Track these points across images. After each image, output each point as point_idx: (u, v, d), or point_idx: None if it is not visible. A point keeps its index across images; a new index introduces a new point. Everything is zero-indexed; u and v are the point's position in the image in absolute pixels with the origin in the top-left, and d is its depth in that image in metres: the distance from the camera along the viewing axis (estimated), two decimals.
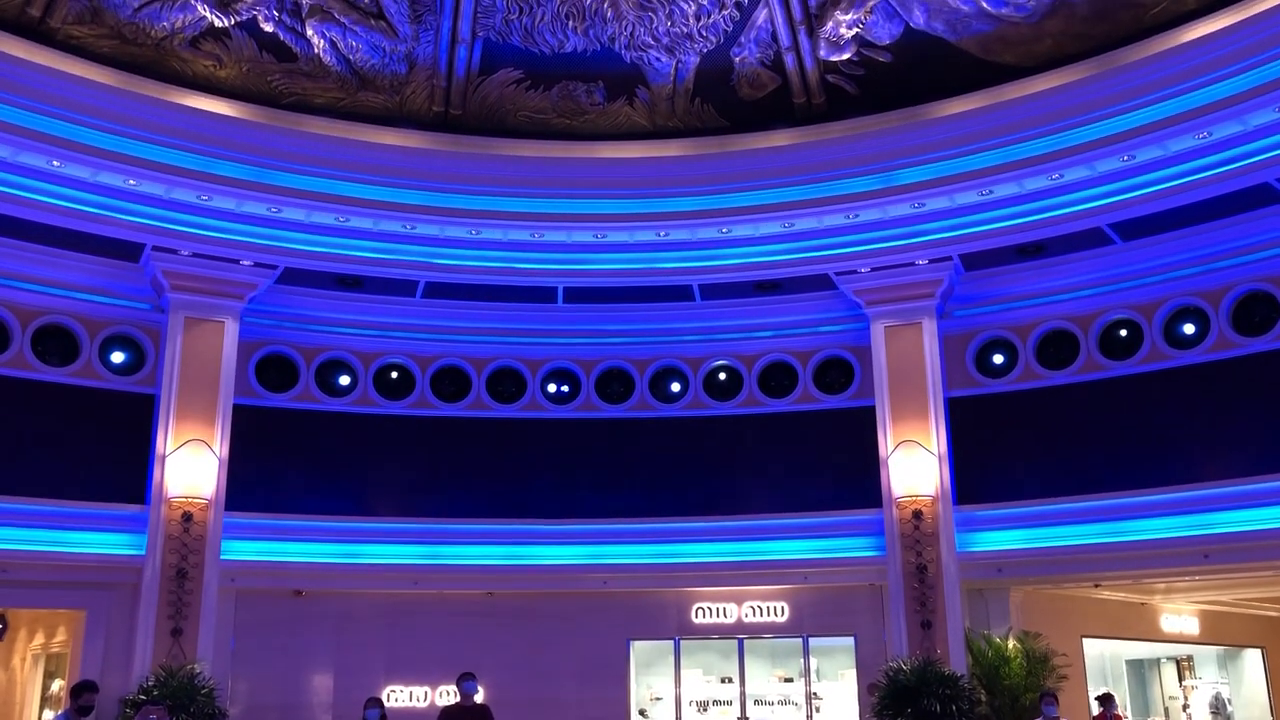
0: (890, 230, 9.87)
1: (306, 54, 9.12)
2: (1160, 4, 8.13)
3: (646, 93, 9.62)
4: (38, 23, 8.29)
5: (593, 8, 9.05)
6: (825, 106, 9.47)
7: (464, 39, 9.19)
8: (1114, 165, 8.78)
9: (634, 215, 9.83)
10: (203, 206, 9.23)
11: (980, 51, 8.89)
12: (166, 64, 8.79)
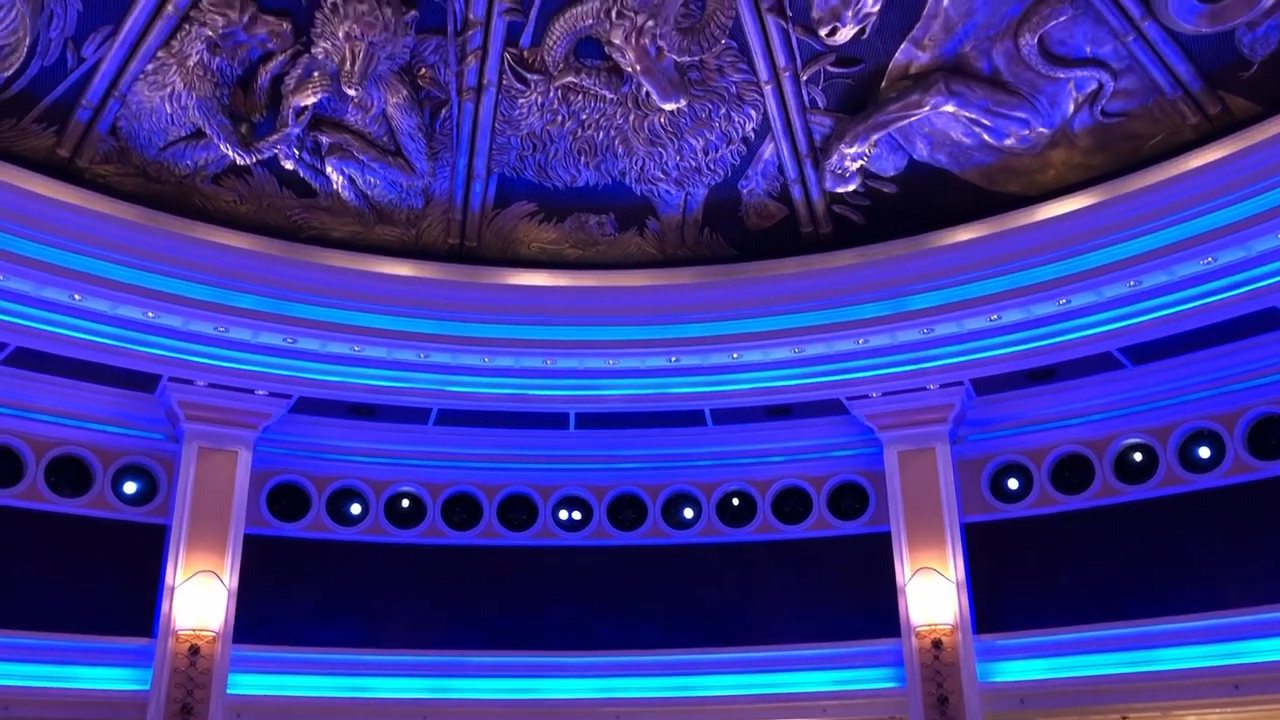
0: (900, 355, 9.98)
1: (326, 190, 9.44)
2: (1158, 135, 8.44)
3: (656, 223, 9.90)
4: (66, 162, 8.64)
5: (604, 144, 9.37)
6: (832, 235, 9.71)
7: (479, 175, 9.51)
8: (1120, 290, 8.93)
9: (645, 341, 9.99)
10: (219, 338, 9.44)
11: (984, 181, 9.17)
12: (189, 200, 9.10)
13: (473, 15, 8.57)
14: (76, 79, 8.47)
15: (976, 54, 8.58)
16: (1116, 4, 8.00)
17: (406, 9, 8.46)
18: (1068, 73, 8.45)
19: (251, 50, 8.56)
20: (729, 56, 8.79)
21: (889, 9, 8.24)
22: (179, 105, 8.66)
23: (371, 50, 8.47)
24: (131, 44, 8.38)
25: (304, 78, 8.77)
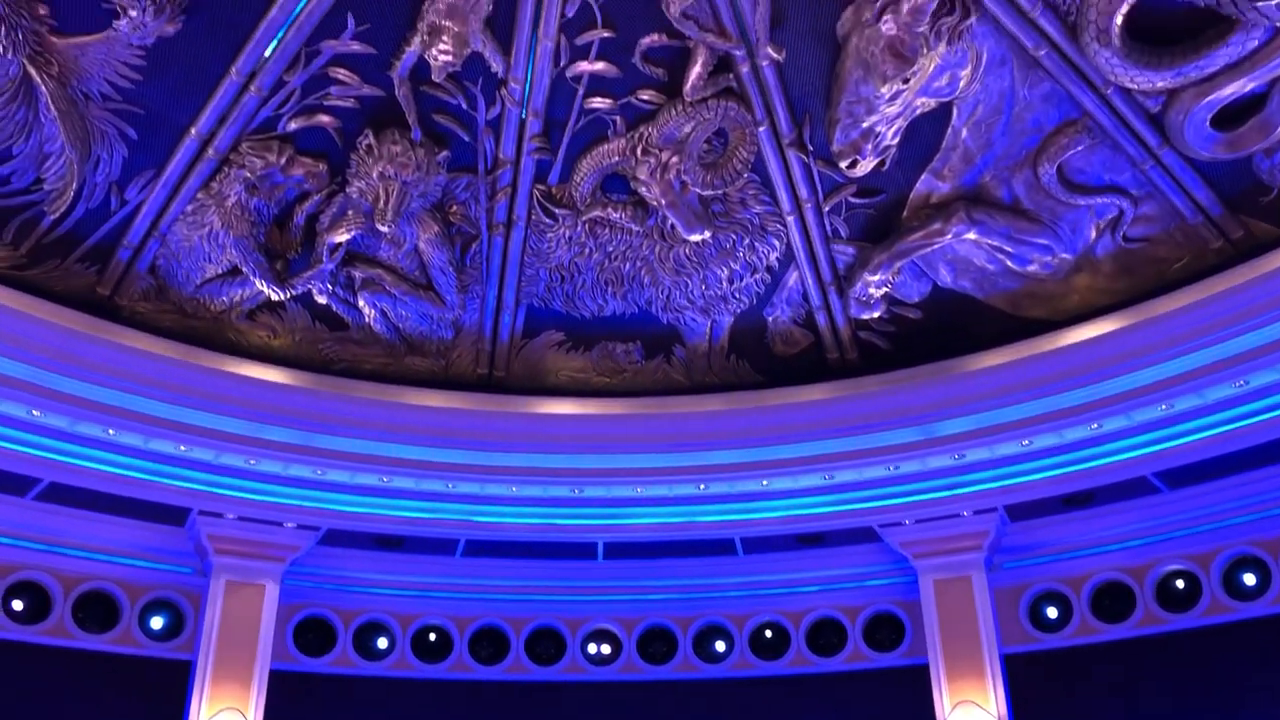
0: (932, 482, 9.95)
1: (358, 323, 9.66)
2: (1182, 260, 8.54)
3: (683, 351, 10.03)
4: (106, 300, 8.91)
5: (631, 275, 9.58)
6: (859, 361, 9.79)
7: (508, 306, 9.72)
8: (1153, 414, 8.90)
9: (674, 469, 10.00)
10: (250, 470, 9.56)
11: (1009, 307, 9.26)
12: (223, 335, 9.33)
13: (503, 154, 8.87)
14: (119, 220, 8.78)
15: (996, 183, 8.76)
16: (1133, 133, 8.14)
17: (439, 149, 8.79)
18: (1088, 200, 8.58)
19: (288, 190, 8.86)
20: (751, 189, 9.03)
21: (908, 142, 8.43)
22: (216, 244, 8.95)
23: (405, 189, 8.75)
24: (173, 186, 8.71)
25: (338, 216, 9.06)
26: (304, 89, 8.37)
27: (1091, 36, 7.50)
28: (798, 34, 8.10)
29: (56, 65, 7.79)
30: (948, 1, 7.44)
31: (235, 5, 7.83)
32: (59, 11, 7.58)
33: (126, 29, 7.49)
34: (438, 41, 7.87)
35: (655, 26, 8.08)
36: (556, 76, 8.42)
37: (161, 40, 7.71)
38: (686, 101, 8.40)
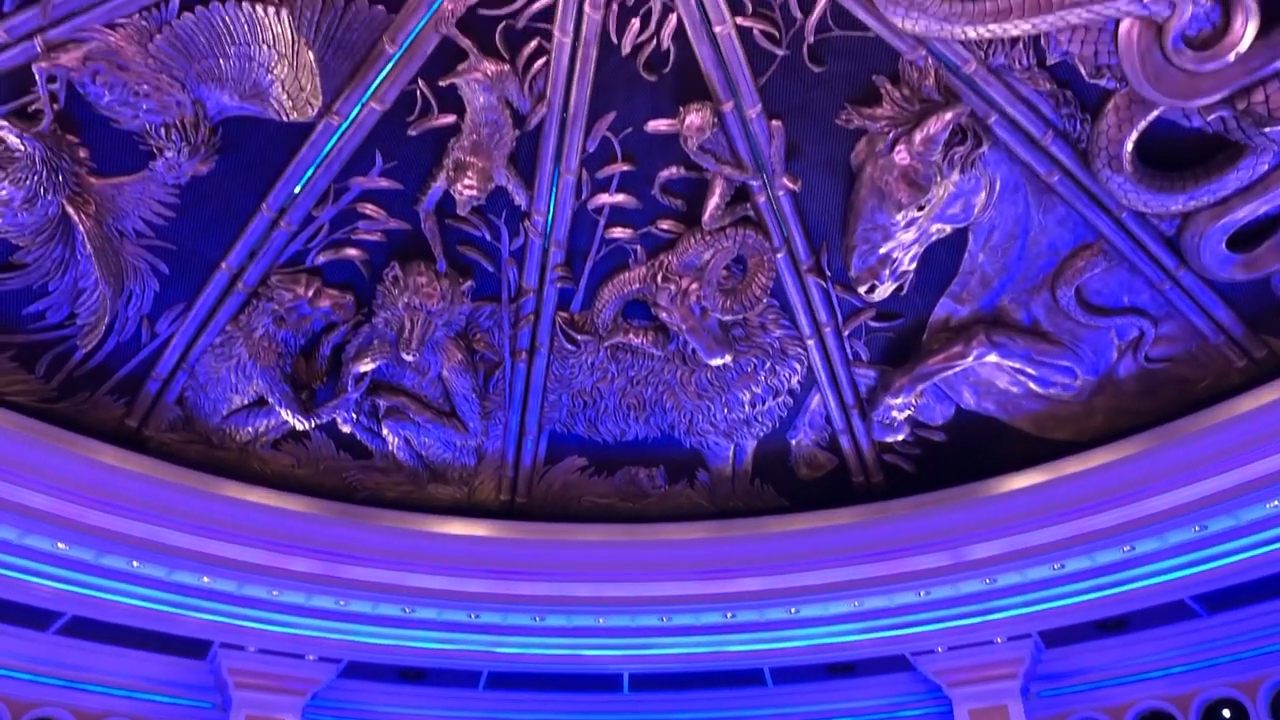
0: (964, 608, 9.83)
1: (381, 451, 9.77)
2: (1205, 380, 8.57)
3: (706, 475, 10.06)
4: (134, 432, 9.07)
5: (653, 399, 9.68)
6: (884, 485, 9.79)
7: (531, 432, 9.82)
8: (1186, 536, 8.81)
9: (700, 596, 9.92)
10: (272, 601, 9.55)
11: (1033, 428, 9.28)
12: (248, 465, 9.45)
13: (526, 283, 9.09)
14: (149, 353, 9.00)
15: (1015, 306, 8.88)
16: (1150, 256, 8.28)
17: (463, 279, 9.02)
18: (1107, 321, 8.67)
19: (315, 322, 9.08)
20: (771, 313, 9.19)
21: (925, 267, 8.60)
22: (243, 375, 9.12)
23: (430, 318, 8.96)
24: (202, 319, 8.94)
25: (364, 346, 9.26)
26: (332, 223, 8.66)
27: (1103, 163, 7.67)
28: (813, 165, 8.35)
29: (94, 204, 8.10)
30: (959, 130, 7.64)
31: (268, 144, 8.15)
32: (98, 153, 7.93)
33: (162, 169, 7.79)
34: (463, 177, 8.14)
35: (673, 160, 8.37)
36: (578, 208, 8.69)
37: (195, 179, 8.00)
38: (705, 230, 8.63)
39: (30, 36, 7.12)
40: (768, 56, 7.77)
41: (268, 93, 7.56)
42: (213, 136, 7.72)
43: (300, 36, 7.41)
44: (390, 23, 7.58)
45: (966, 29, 7.08)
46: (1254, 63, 6.79)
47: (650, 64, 7.88)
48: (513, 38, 7.72)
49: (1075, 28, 7.09)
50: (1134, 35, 6.95)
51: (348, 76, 7.81)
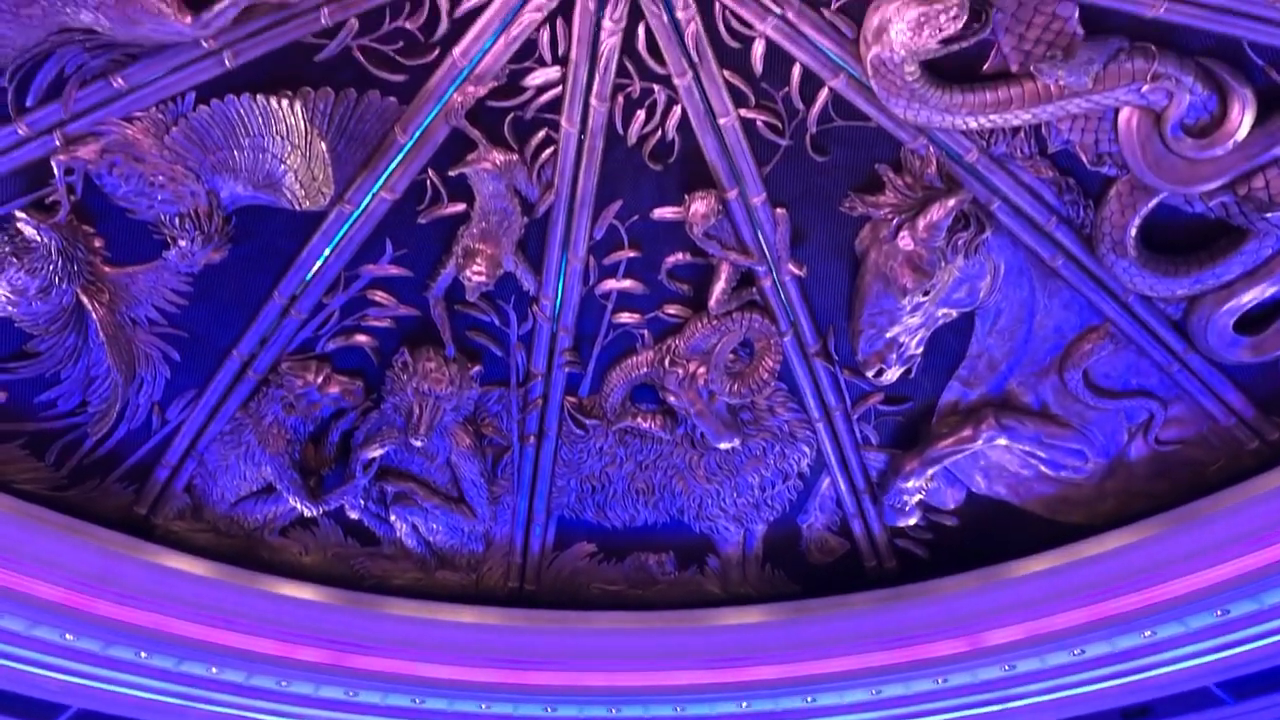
0: (983, 695, 9.69)
1: (389, 537, 9.81)
2: (1218, 462, 8.56)
3: (717, 561, 10.03)
4: (142, 520, 9.13)
5: (662, 484, 9.69)
6: (898, 570, 9.75)
7: (539, 518, 9.83)
8: (1208, 621, 8.68)
9: (714, 685, 9.82)
10: (280, 692, 9.50)
11: (1045, 512, 9.25)
12: (256, 553, 9.49)
13: (534, 368, 9.17)
14: (159, 440, 9.07)
15: (1024, 389, 8.89)
16: (1157, 339, 8.32)
17: (472, 364, 9.11)
18: (1116, 404, 8.69)
19: (324, 408, 9.14)
20: (779, 396, 9.22)
21: (932, 350, 8.64)
22: (252, 462, 9.18)
23: (438, 404, 9.03)
24: (212, 407, 9.02)
25: (373, 431, 9.33)
26: (343, 311, 8.77)
27: (1108, 248, 7.78)
28: (818, 250, 8.47)
29: (108, 293, 8.24)
30: (962, 217, 7.75)
31: (280, 232, 8.32)
32: (113, 243, 8.09)
33: (175, 258, 7.92)
34: (472, 263, 8.26)
35: (679, 246, 8.50)
36: (586, 294, 8.81)
37: (208, 267, 8.11)
38: (711, 315, 8.71)
39: (50, 130, 7.33)
40: (771, 146, 7.94)
41: (280, 183, 7.72)
42: (226, 225, 7.85)
43: (313, 128, 7.58)
44: (402, 113, 7.77)
45: (968, 119, 7.25)
46: (1253, 149, 6.96)
47: (655, 154, 8.05)
48: (521, 128, 7.91)
49: (1075, 117, 7.26)
50: (1133, 124, 7.13)
51: (360, 166, 7.97)
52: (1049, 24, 6.93)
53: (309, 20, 7.19)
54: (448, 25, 7.40)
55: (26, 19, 6.73)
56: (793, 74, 7.60)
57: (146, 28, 6.77)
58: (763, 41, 7.47)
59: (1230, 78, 6.89)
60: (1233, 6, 6.78)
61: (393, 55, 7.50)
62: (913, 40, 6.83)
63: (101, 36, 6.92)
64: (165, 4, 6.61)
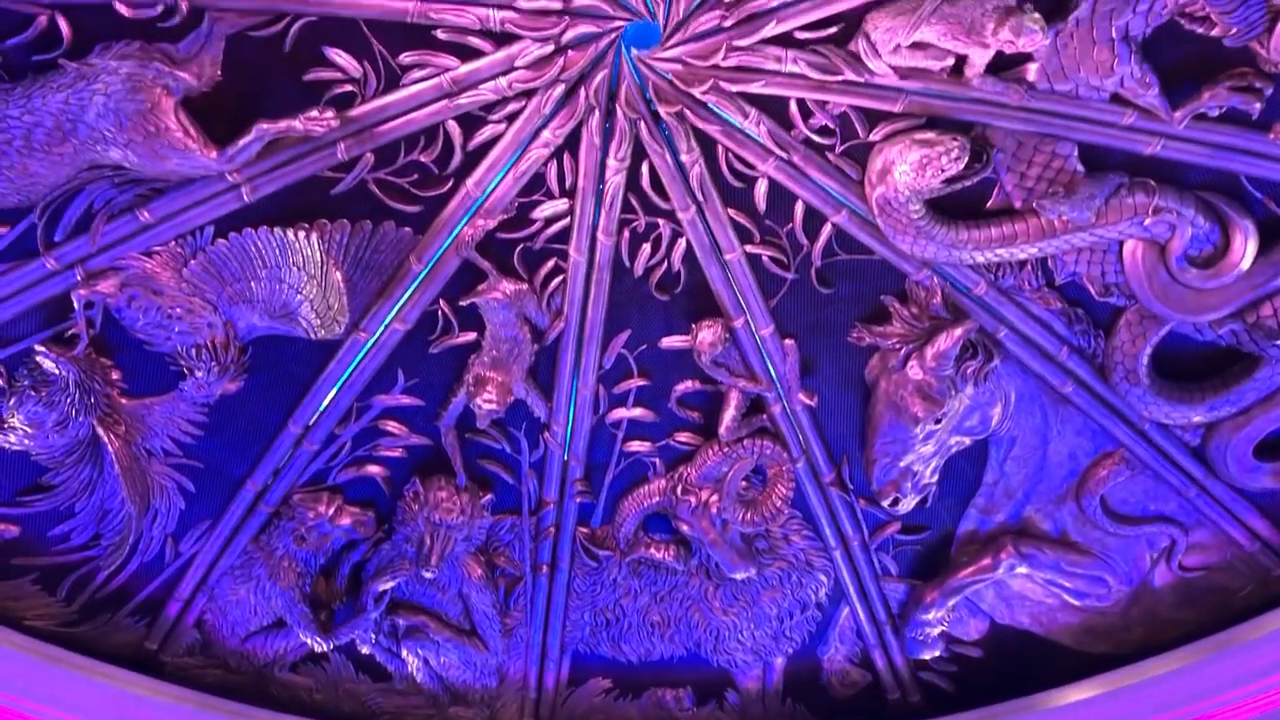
0: None
1: (400, 673, 9.69)
2: (1246, 588, 8.42)
3: (736, 695, 9.82)
4: (152, 655, 9.07)
5: (677, 616, 9.56)
6: (922, 703, 9.55)
7: (553, 654, 9.70)
8: None
9: None
10: None
11: (1071, 642, 9.07)
12: (265, 689, 9.40)
13: (546, 496, 9.15)
14: (172, 573, 9.05)
15: (1041, 516, 8.83)
16: (1175, 465, 8.27)
17: (483, 493, 9.10)
18: (1136, 530, 8.62)
19: (335, 540, 9.13)
20: (795, 524, 9.14)
21: (948, 478, 8.61)
22: (263, 596, 9.15)
23: (449, 534, 9.02)
24: (226, 538, 9.02)
25: (384, 563, 9.32)
26: (354, 441, 8.83)
27: (1120, 377, 7.83)
28: (828, 380, 8.52)
29: (124, 425, 8.34)
30: (970, 346, 7.82)
31: (295, 361, 8.40)
32: (130, 375, 8.20)
33: (192, 389, 8.04)
34: (483, 391, 8.35)
35: (688, 374, 8.56)
36: (596, 423, 8.84)
37: (224, 397, 8.22)
38: (722, 442, 8.70)
39: (75, 265, 7.53)
40: (778, 280, 8.08)
41: (297, 313, 7.88)
42: (242, 356, 8.00)
43: (329, 258, 7.74)
44: (417, 243, 7.94)
45: (974, 254, 7.40)
46: (1258, 279, 7.07)
47: (662, 284, 8.20)
48: (530, 258, 8.07)
49: (1080, 250, 7.39)
50: (1138, 255, 7.25)
51: (375, 294, 8.10)
52: (1049, 162, 7.11)
53: (326, 155, 7.39)
54: (461, 157, 7.59)
55: (58, 156, 6.97)
56: (795, 211, 7.78)
57: (173, 163, 7.01)
58: (765, 181, 7.67)
59: (1230, 210, 7.02)
60: (1226, 143, 6.93)
61: (408, 187, 7.69)
62: (916, 180, 7.01)
63: (129, 172, 7.18)
64: (191, 139, 6.87)
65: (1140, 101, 6.74)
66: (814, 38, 6.99)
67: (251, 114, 6.99)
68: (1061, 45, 6.62)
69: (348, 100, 7.22)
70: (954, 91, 6.97)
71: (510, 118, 7.45)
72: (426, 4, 6.87)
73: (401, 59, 7.12)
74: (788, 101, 7.33)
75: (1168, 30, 6.59)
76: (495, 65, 7.18)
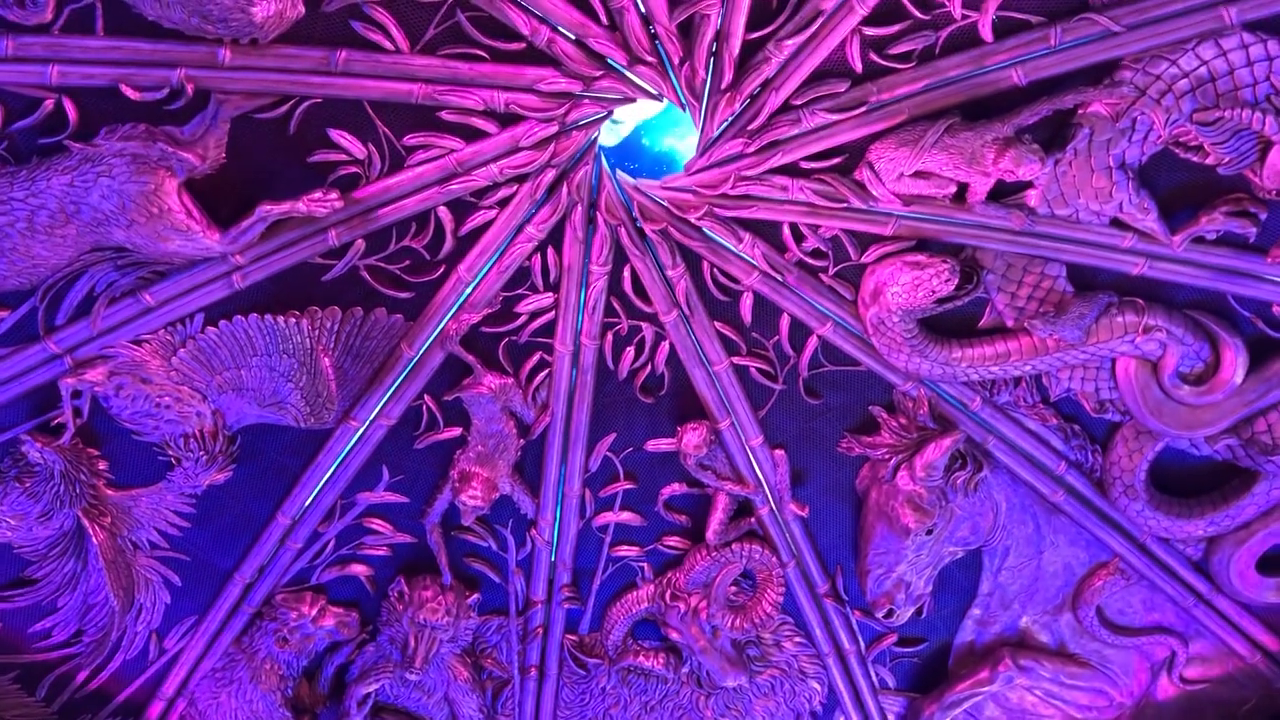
0: None
1: None
2: (1249, 700, 8.26)
3: None
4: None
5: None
6: None
7: None
8: None
9: None
10: None
11: None
12: None
13: (533, 595, 9.01)
14: (155, 672, 8.80)
15: (1038, 627, 8.73)
16: (1177, 578, 8.16)
17: (469, 592, 8.97)
18: (1134, 641, 8.52)
19: (318, 641, 8.99)
20: (787, 630, 8.96)
21: (944, 589, 8.55)
22: (244, 700, 9.00)
23: (434, 635, 8.90)
24: (212, 634, 8.80)
25: (368, 665, 9.17)
26: (338, 539, 8.72)
27: (1119, 492, 7.86)
28: (819, 490, 8.47)
29: (109, 516, 8.26)
30: (959, 456, 7.84)
31: (284, 450, 8.29)
32: (116, 465, 8.12)
33: (179, 479, 7.96)
34: (467, 487, 8.30)
35: (675, 477, 8.50)
36: (583, 528, 8.74)
37: (211, 488, 8.15)
38: (710, 546, 8.60)
39: (79, 347, 7.47)
40: (766, 391, 8.10)
41: (286, 401, 7.83)
42: (230, 445, 7.95)
43: (319, 345, 7.70)
44: (408, 330, 7.91)
45: (968, 372, 7.50)
46: (1250, 396, 7.16)
47: (646, 387, 8.21)
48: (515, 352, 8.07)
49: (1074, 367, 7.48)
50: (1132, 372, 7.36)
51: (366, 382, 8.06)
52: (1039, 282, 7.26)
53: (317, 241, 7.41)
54: (452, 243, 7.61)
55: (61, 238, 6.98)
56: (781, 323, 7.86)
57: (175, 244, 7.01)
58: (750, 294, 7.76)
59: (1219, 328, 7.15)
60: (1210, 263, 7.04)
61: (399, 274, 7.70)
62: (908, 301, 7.19)
63: (132, 254, 7.17)
64: (194, 221, 6.88)
65: (1140, 226, 6.89)
66: (819, 167, 7.15)
67: (255, 196, 7.02)
68: (1061, 173, 6.81)
69: (352, 182, 7.26)
70: (944, 215, 7.12)
71: (502, 203, 7.48)
72: (431, 86, 6.91)
73: (406, 140, 7.16)
74: (781, 225, 7.46)
75: (1163, 158, 6.76)
76: (499, 146, 7.22)
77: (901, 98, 6.80)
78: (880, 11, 6.59)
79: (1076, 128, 6.66)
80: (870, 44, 6.75)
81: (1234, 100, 6.34)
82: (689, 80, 6.95)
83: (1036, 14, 6.54)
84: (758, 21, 6.74)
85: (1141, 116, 6.52)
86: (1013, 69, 6.60)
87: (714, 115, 7.06)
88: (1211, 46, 6.30)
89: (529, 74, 6.97)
